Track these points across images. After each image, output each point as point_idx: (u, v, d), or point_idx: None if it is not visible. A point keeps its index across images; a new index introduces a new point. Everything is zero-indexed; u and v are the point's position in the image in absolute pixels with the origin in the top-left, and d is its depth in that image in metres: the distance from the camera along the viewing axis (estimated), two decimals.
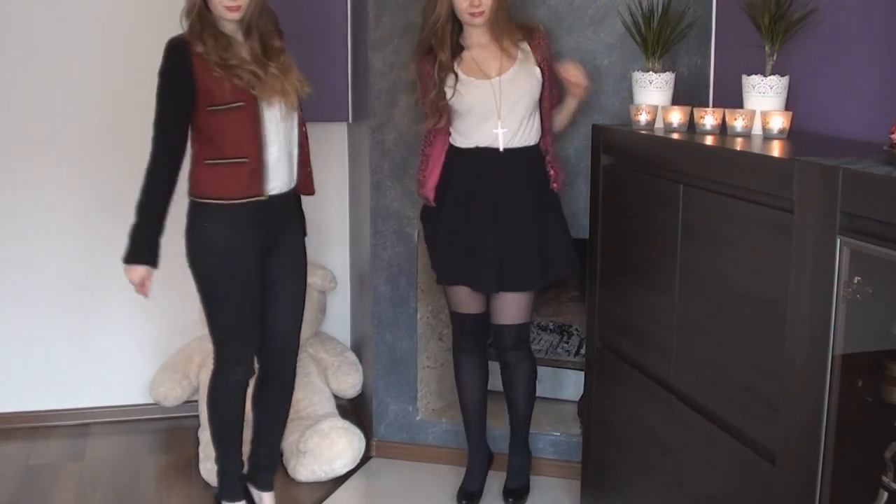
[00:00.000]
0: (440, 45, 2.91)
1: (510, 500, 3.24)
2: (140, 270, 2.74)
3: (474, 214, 2.97)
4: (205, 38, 2.64)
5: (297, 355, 3.00)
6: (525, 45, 2.97)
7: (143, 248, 2.73)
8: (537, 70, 2.96)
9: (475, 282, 3.02)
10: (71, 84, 3.71)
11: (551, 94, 3.01)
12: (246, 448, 3.06)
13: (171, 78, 2.67)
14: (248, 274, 2.79)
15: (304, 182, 2.89)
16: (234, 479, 3.03)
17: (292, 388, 3.04)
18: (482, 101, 2.92)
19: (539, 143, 3.01)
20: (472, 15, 2.87)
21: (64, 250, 3.81)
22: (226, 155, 2.69)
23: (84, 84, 3.71)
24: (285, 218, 2.84)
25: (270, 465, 3.07)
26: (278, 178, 2.76)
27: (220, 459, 3.02)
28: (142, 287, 2.77)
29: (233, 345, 2.87)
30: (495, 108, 2.92)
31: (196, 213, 2.76)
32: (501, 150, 2.94)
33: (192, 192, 2.76)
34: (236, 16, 2.65)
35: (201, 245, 2.77)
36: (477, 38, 2.95)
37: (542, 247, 2.98)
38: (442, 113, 2.97)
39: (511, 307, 3.04)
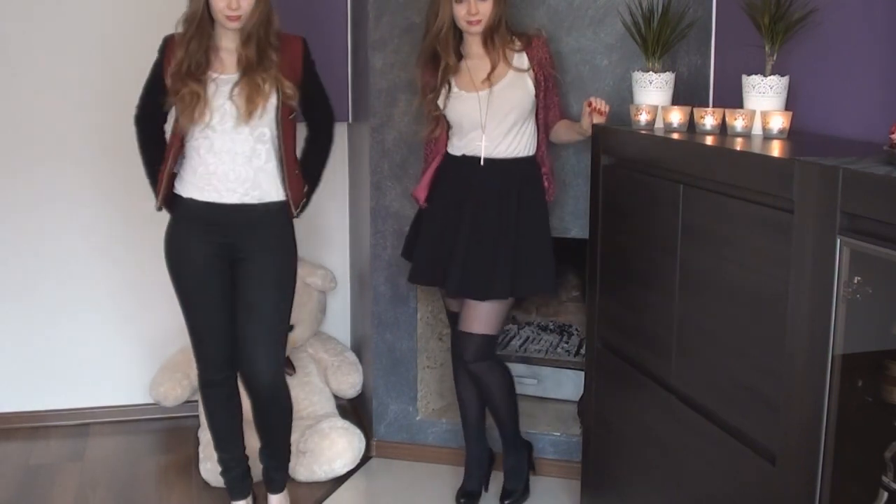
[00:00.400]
0: (444, 50, 2.93)
1: (506, 501, 3.24)
2: None
3: (455, 220, 2.99)
4: (190, 45, 2.66)
5: (268, 372, 2.84)
6: (523, 55, 2.97)
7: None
8: (530, 82, 2.96)
9: (441, 283, 3.04)
10: (70, 83, 3.71)
11: (549, 102, 3.01)
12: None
13: (153, 67, 2.79)
14: (199, 277, 2.80)
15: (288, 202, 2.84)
16: (232, 478, 3.05)
17: (277, 406, 2.92)
18: (468, 113, 2.95)
19: (535, 154, 3.02)
20: (470, 23, 2.89)
21: (64, 250, 3.81)
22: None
23: (84, 83, 3.72)
24: (249, 228, 2.78)
25: (275, 474, 3.07)
26: (224, 188, 2.73)
27: (217, 459, 3.07)
28: None
29: (195, 345, 2.89)
30: (480, 120, 2.93)
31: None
32: (482, 161, 2.95)
33: None
34: (236, 25, 2.65)
35: (165, 243, 2.85)
36: (475, 48, 2.97)
37: (516, 261, 2.96)
38: (438, 121, 3.01)
39: (474, 316, 3.01)
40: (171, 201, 2.83)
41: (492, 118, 2.93)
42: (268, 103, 2.69)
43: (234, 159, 2.72)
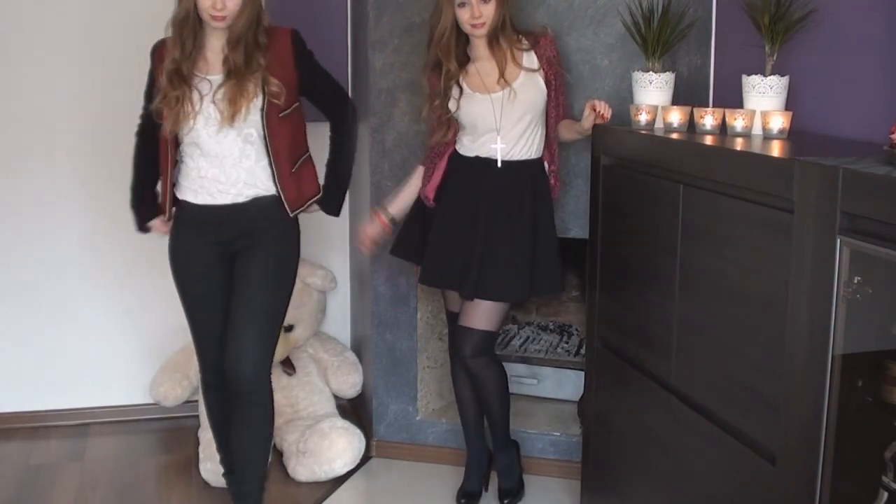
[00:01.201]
0: (446, 56, 2.91)
1: (505, 501, 3.24)
2: (156, 224, 2.86)
3: (467, 221, 2.97)
4: (185, 46, 2.64)
5: (250, 368, 2.72)
6: (531, 54, 2.96)
7: (143, 215, 2.86)
8: (542, 81, 2.95)
9: (455, 286, 3.02)
10: (70, 84, 3.71)
11: (557, 101, 3.00)
12: None
13: (148, 76, 2.79)
14: (202, 281, 2.79)
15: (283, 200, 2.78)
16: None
17: (259, 407, 2.80)
18: (483, 116, 2.93)
19: (543, 154, 3.02)
20: (474, 26, 2.87)
21: (64, 250, 3.81)
22: None
23: (84, 84, 3.72)
24: (246, 224, 2.75)
25: (249, 492, 2.87)
26: (217, 190, 2.72)
27: (220, 460, 3.04)
28: (164, 227, 2.87)
29: (198, 349, 2.88)
30: (495, 123, 2.92)
31: None
32: (499, 164, 2.94)
33: None
34: (221, 25, 2.61)
35: (169, 247, 2.85)
36: (482, 50, 2.95)
37: (533, 262, 2.96)
38: (449, 125, 2.98)
39: (475, 311, 2.99)
40: (173, 206, 2.82)
41: (506, 120, 2.92)
42: (251, 104, 2.64)
43: (223, 162, 2.70)
